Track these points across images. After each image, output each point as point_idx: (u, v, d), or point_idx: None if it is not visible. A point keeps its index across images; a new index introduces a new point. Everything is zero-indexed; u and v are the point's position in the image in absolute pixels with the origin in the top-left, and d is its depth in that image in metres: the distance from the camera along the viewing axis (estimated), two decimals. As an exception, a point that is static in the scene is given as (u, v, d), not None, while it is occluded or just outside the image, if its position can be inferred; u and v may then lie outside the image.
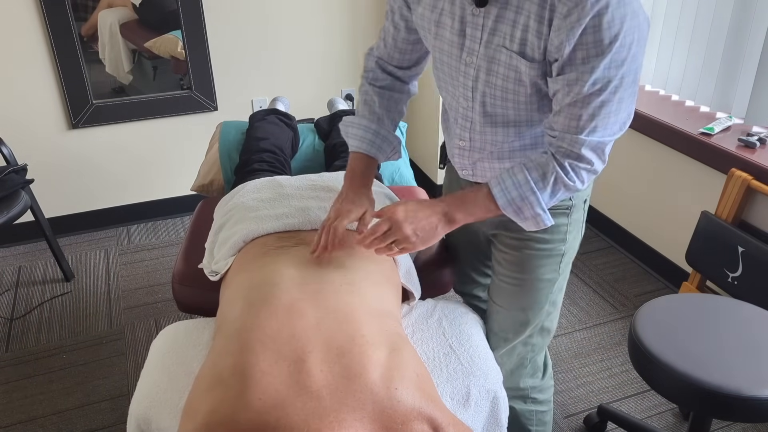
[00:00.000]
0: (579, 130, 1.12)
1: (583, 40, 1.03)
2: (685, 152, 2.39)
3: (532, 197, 1.17)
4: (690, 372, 1.37)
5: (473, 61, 1.20)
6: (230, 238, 1.42)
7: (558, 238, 1.37)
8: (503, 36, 1.14)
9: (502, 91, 1.20)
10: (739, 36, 2.30)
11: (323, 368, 1.02)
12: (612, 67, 1.05)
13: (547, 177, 1.16)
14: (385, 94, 1.46)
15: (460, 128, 1.33)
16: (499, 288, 1.45)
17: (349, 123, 1.45)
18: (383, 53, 1.45)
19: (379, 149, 1.42)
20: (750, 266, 2.00)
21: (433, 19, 1.24)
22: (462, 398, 1.18)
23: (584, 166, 1.16)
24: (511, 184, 1.18)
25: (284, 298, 1.16)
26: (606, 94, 1.07)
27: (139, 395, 1.18)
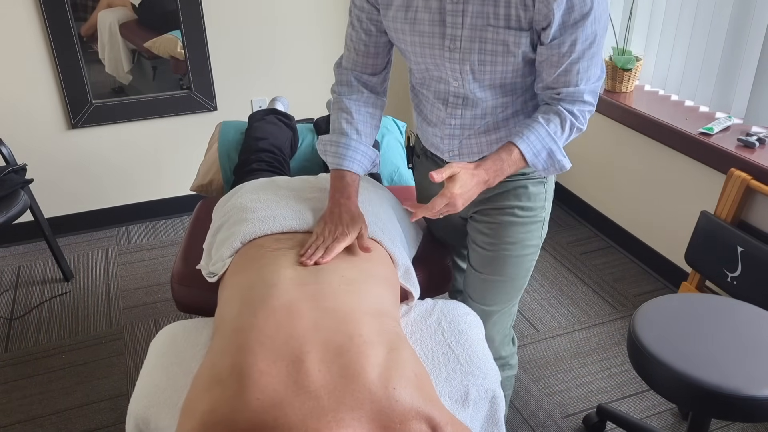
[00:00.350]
0: (578, 81, 1.28)
1: (570, 4, 1.17)
2: (685, 152, 2.39)
3: (554, 146, 1.31)
4: (689, 372, 1.37)
5: (457, 46, 1.28)
6: (228, 239, 1.42)
7: (539, 205, 1.49)
8: (487, 16, 1.23)
9: (491, 65, 1.29)
10: (739, 36, 2.30)
11: (321, 368, 1.02)
12: (595, 21, 1.20)
13: (564, 126, 1.31)
14: (361, 109, 1.47)
15: (451, 108, 1.41)
16: (490, 258, 1.52)
17: (327, 141, 1.46)
18: (356, 63, 1.47)
19: (360, 164, 1.44)
20: (749, 266, 2.00)
21: (408, 17, 1.30)
22: (461, 398, 1.18)
23: (589, 108, 1.32)
24: (535, 138, 1.30)
25: (282, 298, 1.16)
26: (595, 46, 1.24)
27: (138, 395, 1.18)
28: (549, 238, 2.96)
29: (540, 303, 2.51)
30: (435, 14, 1.27)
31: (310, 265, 1.26)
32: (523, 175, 1.46)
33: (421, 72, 1.41)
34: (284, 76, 3.08)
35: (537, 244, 1.53)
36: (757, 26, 2.24)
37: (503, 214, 1.48)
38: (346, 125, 1.45)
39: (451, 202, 1.24)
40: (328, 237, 1.32)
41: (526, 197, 1.47)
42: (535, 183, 1.47)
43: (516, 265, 1.52)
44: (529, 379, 2.13)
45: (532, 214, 1.48)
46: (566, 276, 2.68)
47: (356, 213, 1.37)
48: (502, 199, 1.47)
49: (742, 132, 2.30)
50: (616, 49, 2.74)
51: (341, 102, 1.48)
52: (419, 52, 1.35)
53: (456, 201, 1.24)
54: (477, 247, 1.54)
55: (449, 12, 1.25)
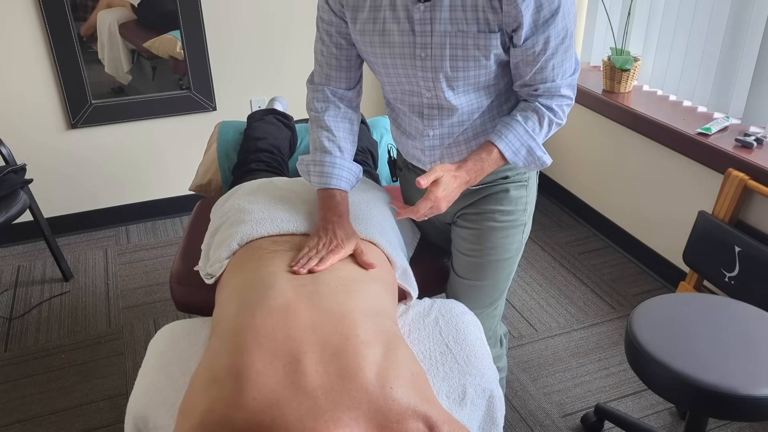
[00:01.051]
0: (555, 77, 1.30)
1: (538, 4, 1.18)
2: (683, 152, 2.39)
3: (533, 143, 1.34)
4: (686, 371, 1.38)
5: (429, 54, 1.28)
6: (225, 241, 1.43)
7: (519, 209, 1.50)
8: (456, 21, 1.23)
9: (464, 71, 1.30)
10: (737, 36, 2.30)
11: (318, 368, 1.02)
12: (565, 16, 1.22)
13: (542, 123, 1.33)
14: (340, 125, 1.46)
15: (428, 122, 1.41)
16: (473, 264, 1.53)
17: (309, 161, 1.45)
18: (329, 78, 1.45)
19: (347, 181, 1.44)
20: (747, 266, 2.01)
21: (377, 30, 1.30)
22: (458, 397, 1.18)
23: (567, 102, 1.34)
24: (513, 136, 1.33)
25: (280, 299, 1.16)
26: (567, 41, 1.26)
27: (137, 394, 1.19)
28: (547, 238, 2.97)
29: (538, 302, 2.52)
30: (404, 24, 1.27)
31: (303, 273, 1.25)
32: (505, 179, 1.47)
33: (392, 86, 1.40)
34: (283, 76, 3.08)
35: (518, 248, 1.55)
36: (754, 26, 2.24)
37: (485, 219, 1.49)
38: (328, 143, 1.44)
39: (435, 205, 1.27)
40: (322, 249, 1.30)
41: (507, 201, 1.48)
42: (517, 187, 1.49)
43: (498, 269, 1.54)
44: (527, 378, 2.14)
45: (513, 218, 1.50)
46: (564, 276, 2.69)
47: (350, 230, 1.36)
48: (483, 204, 1.49)
49: (740, 132, 2.30)
50: (615, 49, 2.74)
51: (320, 120, 1.45)
52: (390, 63, 1.34)
53: (440, 203, 1.27)
54: (460, 254, 1.56)
55: (417, 21, 1.25)
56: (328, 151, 1.43)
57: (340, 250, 1.30)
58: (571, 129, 3.10)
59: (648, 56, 2.77)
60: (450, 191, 1.29)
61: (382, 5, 1.28)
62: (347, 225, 1.37)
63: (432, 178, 1.25)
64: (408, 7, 1.25)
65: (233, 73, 2.98)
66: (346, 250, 1.31)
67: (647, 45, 2.76)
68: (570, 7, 1.22)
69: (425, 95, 1.36)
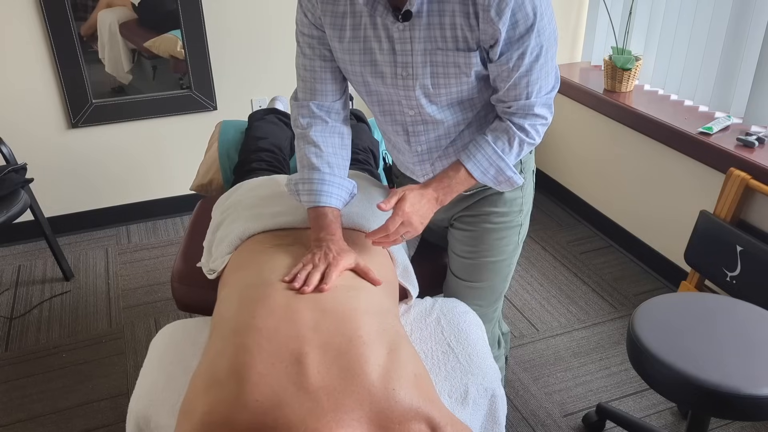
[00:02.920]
0: (529, 95, 1.28)
1: (513, 19, 1.18)
2: (684, 152, 2.39)
3: (502, 164, 1.33)
4: (688, 371, 1.37)
5: (409, 73, 1.28)
6: (227, 236, 1.43)
7: (515, 210, 1.50)
8: (434, 40, 1.23)
9: (446, 87, 1.30)
10: (738, 36, 2.30)
11: (320, 369, 1.02)
12: (540, 34, 1.21)
13: (512, 143, 1.32)
14: (328, 140, 1.40)
15: (414, 138, 1.41)
16: (469, 266, 1.54)
17: (297, 180, 1.38)
18: (314, 93, 1.40)
19: (339, 198, 1.37)
20: (748, 265, 2.00)
21: (359, 48, 1.29)
22: (460, 396, 1.18)
23: (541, 122, 1.33)
24: (482, 156, 1.33)
25: (280, 297, 1.16)
26: (542, 58, 1.24)
27: (138, 394, 1.19)
28: (549, 238, 2.97)
29: (540, 302, 2.52)
30: (384, 43, 1.26)
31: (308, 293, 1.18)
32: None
33: (374, 105, 1.40)
34: (284, 76, 3.08)
35: (514, 249, 1.55)
36: (756, 26, 2.24)
37: (480, 221, 1.50)
38: (316, 159, 1.37)
39: (406, 221, 1.26)
40: (320, 263, 1.24)
41: (502, 203, 1.48)
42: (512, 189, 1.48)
43: (495, 270, 1.54)
44: (528, 378, 2.14)
45: (508, 220, 1.50)
46: (566, 275, 2.69)
47: (345, 247, 1.30)
48: (479, 206, 1.49)
49: (742, 131, 2.30)
50: (616, 48, 2.74)
51: (306, 136, 1.39)
52: (371, 82, 1.33)
53: (410, 219, 1.27)
54: (456, 256, 1.57)
55: (397, 40, 1.25)
56: (316, 167, 1.37)
57: (340, 262, 1.24)
58: (573, 128, 3.10)
59: (649, 56, 2.77)
60: (419, 207, 1.29)
61: (362, 24, 1.27)
62: (341, 243, 1.31)
63: (394, 199, 1.26)
64: (388, 27, 1.24)
65: (234, 72, 2.98)
66: (346, 262, 1.25)
67: (648, 44, 2.76)
68: (546, 25, 1.21)
69: (408, 113, 1.36)
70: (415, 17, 1.21)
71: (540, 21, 1.19)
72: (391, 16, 1.22)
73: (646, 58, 2.78)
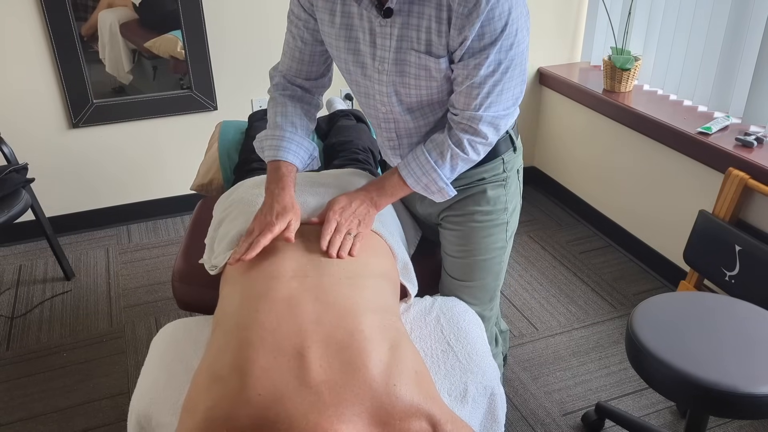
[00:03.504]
0: (477, 107, 1.29)
1: (480, 32, 1.20)
2: (683, 151, 2.40)
3: (434, 174, 1.36)
4: (687, 369, 1.38)
5: (385, 68, 1.33)
6: (229, 233, 1.43)
7: (499, 208, 1.52)
8: (410, 40, 1.27)
9: (416, 89, 1.33)
10: (737, 36, 2.31)
11: (323, 363, 1.03)
12: (503, 51, 1.23)
13: (444, 155, 1.35)
14: (296, 103, 1.50)
15: (386, 132, 1.46)
16: (461, 265, 1.56)
17: (263, 137, 1.47)
18: (290, 68, 1.50)
19: (296, 155, 1.44)
20: (747, 265, 2.01)
21: (345, 36, 1.34)
22: (459, 394, 1.19)
23: (480, 141, 1.34)
24: (416, 165, 1.37)
25: (283, 291, 1.16)
26: (498, 75, 1.25)
27: (140, 392, 1.19)
28: (548, 237, 2.97)
29: (539, 302, 2.52)
30: (367, 34, 1.31)
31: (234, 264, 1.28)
32: (481, 180, 1.50)
33: (356, 95, 1.46)
34: (284, 76, 3.09)
35: (503, 246, 1.56)
36: (755, 26, 2.25)
37: (466, 220, 1.52)
38: (281, 118, 1.47)
39: (341, 222, 1.32)
40: (255, 231, 1.31)
41: (485, 201, 1.50)
42: (494, 186, 1.51)
43: (485, 269, 1.56)
44: (528, 377, 2.14)
45: (494, 218, 1.52)
46: (565, 275, 2.69)
47: (288, 204, 1.35)
48: (464, 205, 1.52)
49: (740, 131, 2.31)
50: (615, 48, 2.75)
51: (275, 98, 1.50)
52: (353, 70, 1.39)
53: (343, 220, 1.32)
54: (448, 256, 1.59)
55: (378, 34, 1.29)
56: (279, 126, 1.45)
57: (272, 228, 1.29)
58: (572, 128, 3.11)
59: (648, 56, 2.77)
60: (348, 205, 1.36)
61: (351, 13, 1.32)
62: (287, 199, 1.35)
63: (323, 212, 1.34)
64: (371, 20, 1.29)
65: (234, 72, 2.98)
66: (279, 227, 1.29)
67: (648, 44, 2.76)
68: (511, 47, 1.23)
69: (381, 109, 1.41)
70: (395, 15, 1.25)
71: (505, 39, 1.21)
72: (375, 10, 1.26)
73: (645, 59, 2.78)
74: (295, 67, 1.48)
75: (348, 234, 1.31)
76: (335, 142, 2.00)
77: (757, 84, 2.26)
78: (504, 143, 1.50)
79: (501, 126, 1.34)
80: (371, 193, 1.39)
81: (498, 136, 1.36)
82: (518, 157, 1.56)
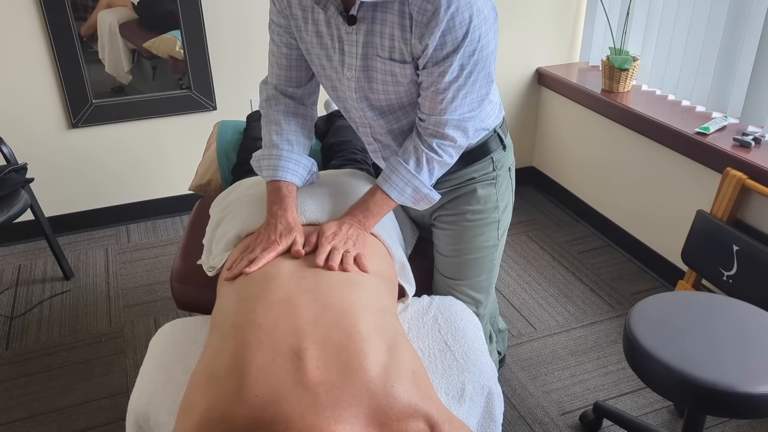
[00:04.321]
0: (442, 111, 1.30)
1: (442, 40, 1.21)
2: (681, 151, 2.40)
3: (416, 182, 1.37)
4: (684, 369, 1.38)
5: (353, 74, 1.34)
6: (226, 234, 1.44)
7: (490, 207, 1.54)
8: (375, 47, 1.28)
9: (384, 94, 1.35)
10: (735, 36, 2.31)
11: (320, 365, 1.03)
12: (465, 56, 1.24)
13: (421, 161, 1.36)
14: (290, 119, 1.48)
15: (365, 136, 1.48)
16: (453, 264, 1.57)
17: (259, 156, 1.46)
18: (279, 78, 1.48)
19: (294, 173, 1.43)
20: (745, 265, 2.01)
21: (317, 43, 1.35)
22: (457, 394, 1.19)
23: (449, 144, 1.36)
24: (396, 177, 1.37)
25: (281, 292, 1.17)
26: (462, 80, 1.26)
27: (138, 392, 1.19)
28: (546, 237, 2.98)
29: (537, 301, 2.53)
30: (336, 42, 1.32)
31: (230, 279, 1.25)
32: (471, 180, 1.51)
33: (336, 100, 1.46)
34: (283, 76, 3.09)
35: (494, 244, 1.58)
36: (752, 26, 2.25)
37: (457, 219, 1.53)
38: (276, 137, 1.45)
39: (335, 245, 1.28)
40: (257, 248, 1.30)
41: (476, 200, 1.52)
42: (485, 185, 1.52)
43: (477, 267, 1.57)
44: (526, 376, 2.15)
45: (485, 216, 1.54)
46: (563, 274, 2.70)
47: (292, 223, 1.35)
48: (455, 205, 1.53)
49: (738, 132, 2.31)
50: (613, 49, 2.75)
51: (269, 115, 1.48)
52: (326, 76, 1.40)
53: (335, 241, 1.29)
54: (440, 255, 1.60)
55: (346, 41, 1.30)
56: (275, 144, 1.44)
57: (276, 247, 1.29)
58: (571, 128, 3.11)
59: (647, 56, 2.78)
60: (338, 230, 1.33)
61: (319, 20, 1.32)
62: (291, 219, 1.36)
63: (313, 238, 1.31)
64: (339, 27, 1.29)
65: (233, 72, 2.99)
66: (283, 246, 1.30)
67: (646, 45, 2.77)
68: (474, 52, 1.24)
69: (356, 114, 1.42)
70: (359, 22, 1.26)
71: (467, 46, 1.22)
72: (341, 18, 1.27)
73: (643, 59, 2.79)
74: (284, 75, 1.47)
75: (347, 252, 1.29)
76: (333, 142, 2.00)
77: (755, 84, 2.26)
78: (493, 141, 1.51)
79: (468, 128, 1.35)
80: (358, 216, 1.38)
81: (467, 138, 1.37)
82: (509, 155, 1.57)
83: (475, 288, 1.59)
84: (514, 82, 3.25)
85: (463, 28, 1.20)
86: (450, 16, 1.18)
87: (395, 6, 1.22)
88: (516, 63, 3.20)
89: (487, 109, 1.47)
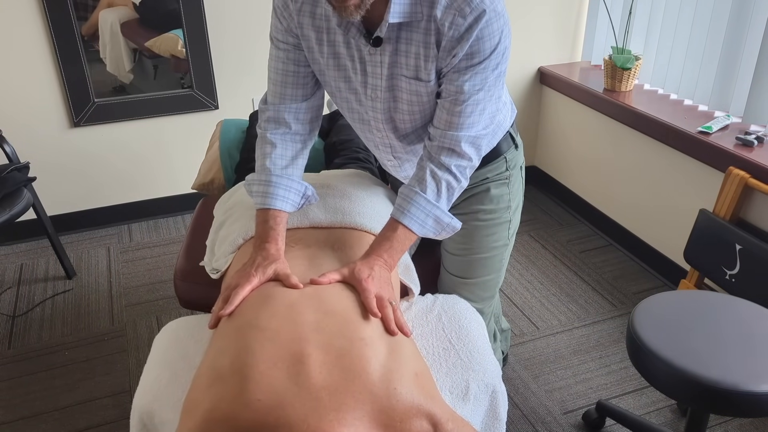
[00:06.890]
0: (459, 127, 1.26)
1: (470, 51, 1.20)
2: (684, 151, 2.40)
3: (437, 211, 1.30)
4: (687, 368, 1.38)
5: (378, 95, 1.31)
6: (229, 236, 1.43)
7: (502, 206, 1.52)
8: (401, 67, 1.26)
9: (410, 114, 1.33)
10: (737, 35, 2.31)
11: (322, 370, 1.02)
12: (489, 69, 1.22)
13: (440, 189, 1.29)
14: (288, 144, 1.40)
15: (384, 154, 1.46)
16: (462, 263, 1.57)
17: (251, 181, 1.39)
18: (284, 96, 1.39)
19: (284, 200, 1.36)
20: (747, 264, 2.01)
21: (334, 64, 1.32)
22: (461, 392, 1.19)
23: (465, 163, 1.30)
24: (416, 209, 1.29)
25: (284, 298, 1.17)
26: (482, 93, 1.24)
27: (142, 389, 1.19)
28: (549, 236, 2.98)
29: (540, 301, 2.53)
30: (357, 63, 1.29)
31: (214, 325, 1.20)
32: (485, 180, 1.50)
33: (352, 121, 1.43)
34: (285, 75, 3.09)
35: (505, 244, 1.57)
36: (755, 25, 2.25)
37: (470, 219, 1.52)
38: (269, 161, 1.38)
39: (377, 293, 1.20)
40: (234, 285, 1.23)
41: (488, 200, 1.51)
42: (498, 185, 1.51)
43: (487, 266, 1.56)
44: (528, 376, 2.15)
45: (496, 216, 1.53)
46: (566, 274, 2.70)
47: (275, 254, 1.28)
48: (467, 204, 1.52)
49: (741, 131, 2.31)
50: (616, 48, 2.75)
51: (265, 137, 1.40)
52: (345, 98, 1.36)
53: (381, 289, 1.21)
54: (448, 253, 1.59)
55: (369, 62, 1.27)
56: (267, 169, 1.37)
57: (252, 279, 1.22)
58: (573, 127, 3.11)
59: (649, 55, 2.77)
60: (372, 272, 1.24)
61: (336, 41, 1.28)
62: (273, 249, 1.29)
63: (336, 276, 1.23)
64: (360, 49, 1.26)
65: (235, 71, 2.99)
66: (258, 279, 1.23)
67: (648, 44, 2.77)
68: (496, 67, 1.23)
69: (377, 134, 1.40)
70: (385, 43, 1.23)
71: (494, 59, 1.21)
72: (363, 39, 1.24)
73: (645, 58, 2.79)
74: (289, 93, 1.39)
75: (390, 303, 1.21)
76: (336, 141, 2.01)
77: (758, 83, 2.26)
78: (505, 142, 1.50)
79: (482, 146, 1.31)
80: (383, 257, 1.28)
81: (479, 158, 1.32)
82: (520, 154, 1.56)
83: (482, 287, 1.59)
84: (516, 82, 3.25)
85: (493, 41, 1.19)
86: (480, 28, 1.17)
87: (422, 24, 1.20)
88: (518, 62, 3.20)
89: (501, 110, 1.45)
